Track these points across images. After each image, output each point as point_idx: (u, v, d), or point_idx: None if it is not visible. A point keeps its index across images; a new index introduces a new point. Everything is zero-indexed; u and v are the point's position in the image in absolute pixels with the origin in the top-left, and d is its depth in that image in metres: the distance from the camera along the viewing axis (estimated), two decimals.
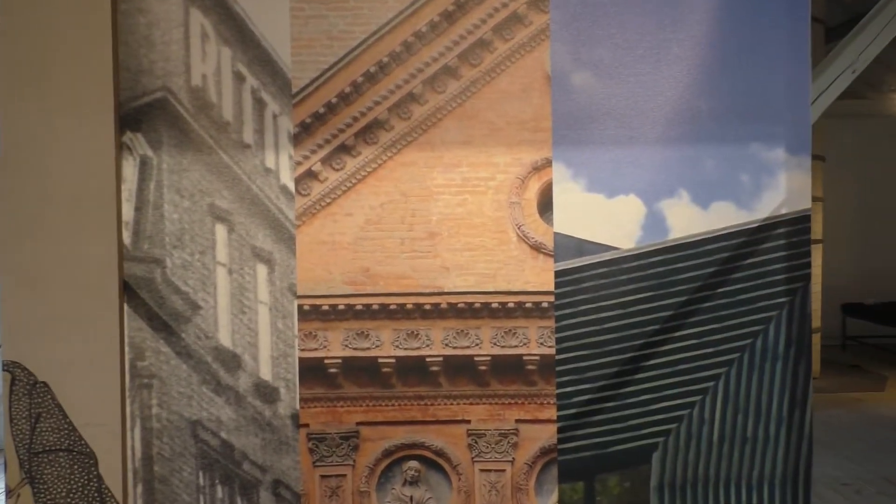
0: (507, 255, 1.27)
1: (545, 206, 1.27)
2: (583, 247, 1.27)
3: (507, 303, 1.27)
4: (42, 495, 1.21)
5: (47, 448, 1.20)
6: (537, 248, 1.27)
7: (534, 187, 1.27)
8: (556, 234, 1.27)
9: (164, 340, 1.24)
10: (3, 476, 1.17)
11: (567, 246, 1.27)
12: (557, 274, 1.27)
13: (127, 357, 1.23)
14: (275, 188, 1.25)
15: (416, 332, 1.27)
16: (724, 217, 1.27)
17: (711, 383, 1.28)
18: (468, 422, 1.28)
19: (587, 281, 1.27)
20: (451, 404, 1.28)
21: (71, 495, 1.21)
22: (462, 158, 1.26)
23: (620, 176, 1.27)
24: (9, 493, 1.20)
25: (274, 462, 1.25)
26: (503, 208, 1.27)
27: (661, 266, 1.26)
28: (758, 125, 1.27)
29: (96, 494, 1.21)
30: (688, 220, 1.27)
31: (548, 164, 1.26)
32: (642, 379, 1.27)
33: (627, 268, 1.27)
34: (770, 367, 1.28)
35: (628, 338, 1.27)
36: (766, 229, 1.27)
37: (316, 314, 1.26)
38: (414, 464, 1.28)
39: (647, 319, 1.27)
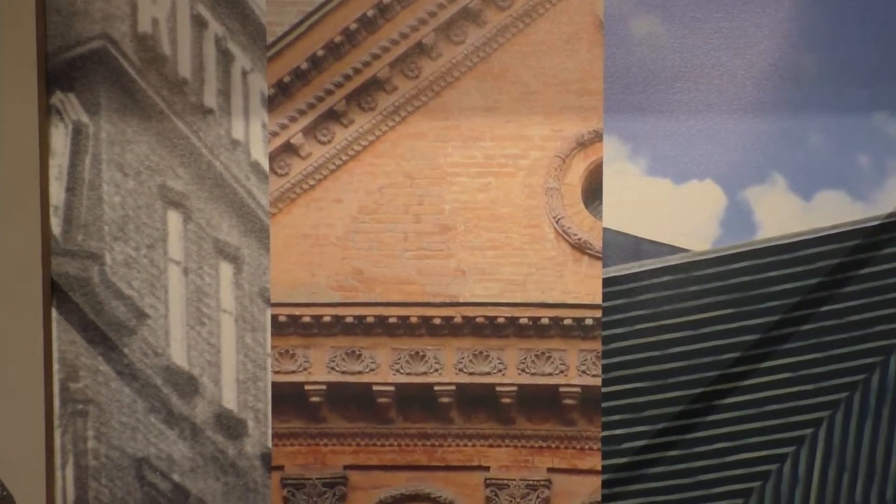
0: (541, 257, 0.98)
1: (592, 193, 0.98)
2: (641, 247, 0.98)
3: (539, 318, 0.99)
4: None
5: None
6: (581, 247, 0.98)
7: (578, 169, 0.98)
8: (605, 230, 0.98)
9: (103, 357, 0.99)
10: None
11: (620, 246, 0.98)
12: (607, 282, 0.98)
13: (56, 377, 0.99)
14: (244, 166, 0.98)
15: (421, 353, 1.00)
16: (832, 212, 0.96)
17: (809, 430, 0.98)
18: (487, 469, 1.01)
19: (646, 292, 0.98)
20: (466, 446, 1.00)
21: None
22: (485, 130, 0.97)
23: (694, 155, 0.97)
24: None
25: None
26: (537, 195, 0.98)
27: (746, 275, 0.96)
28: (882, 89, 0.95)
29: None
30: (783, 214, 0.96)
31: (597, 138, 0.97)
32: (717, 422, 0.98)
33: (700, 276, 0.97)
34: (890, 411, 0.97)
35: (699, 367, 0.97)
36: (890, 229, 0.95)
37: (295, 327, 1.00)
38: None
39: (725, 345, 0.97)
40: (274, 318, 1.00)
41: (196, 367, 0.99)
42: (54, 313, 0.98)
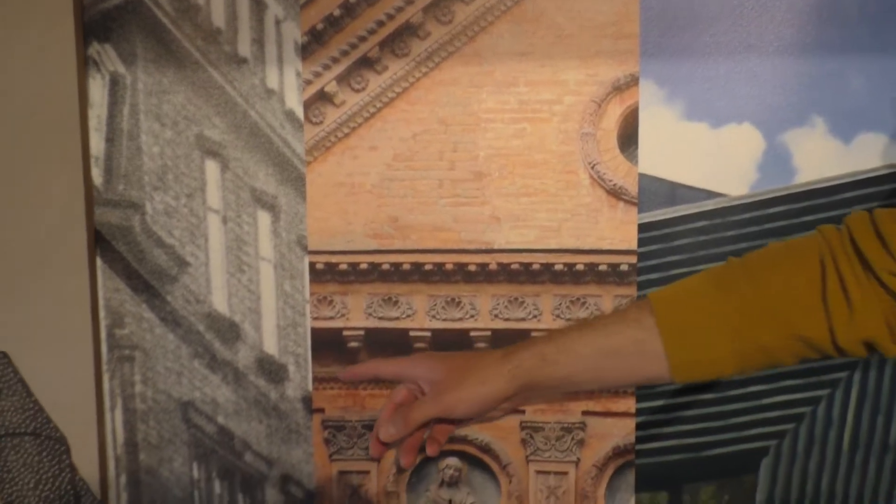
0: (576, 203, 0.98)
1: (628, 138, 0.97)
2: (677, 193, 0.97)
3: (574, 264, 0.99)
4: (7, 486, 1.01)
5: (10, 431, 1.00)
6: (616, 193, 0.98)
7: (614, 114, 0.97)
8: (641, 175, 0.97)
9: (147, 304, 1.01)
10: None
11: (656, 191, 0.97)
12: (642, 227, 0.97)
13: (103, 324, 1.01)
14: (278, 114, 0.98)
15: (457, 300, 1.01)
16: (872, 154, 0.94)
17: (844, 373, 0.98)
18: (522, 412, 1.02)
19: (681, 237, 0.97)
20: None
21: (40, 486, 1.01)
22: (519, 75, 0.96)
23: (732, 98, 0.95)
24: None
25: (282, 454, 1.02)
26: (572, 141, 0.97)
27: (784, 219, 0.95)
28: None
29: (69, 486, 1.01)
30: (823, 158, 0.94)
31: (633, 82, 0.95)
32: None
33: (737, 221, 0.96)
34: None
35: None
36: None
37: (332, 275, 1.01)
38: (453, 461, 1.03)
39: None
40: (311, 265, 1.01)
41: (237, 314, 1.01)
42: (99, 262, 1.00)
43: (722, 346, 0.75)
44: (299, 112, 0.98)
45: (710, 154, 0.95)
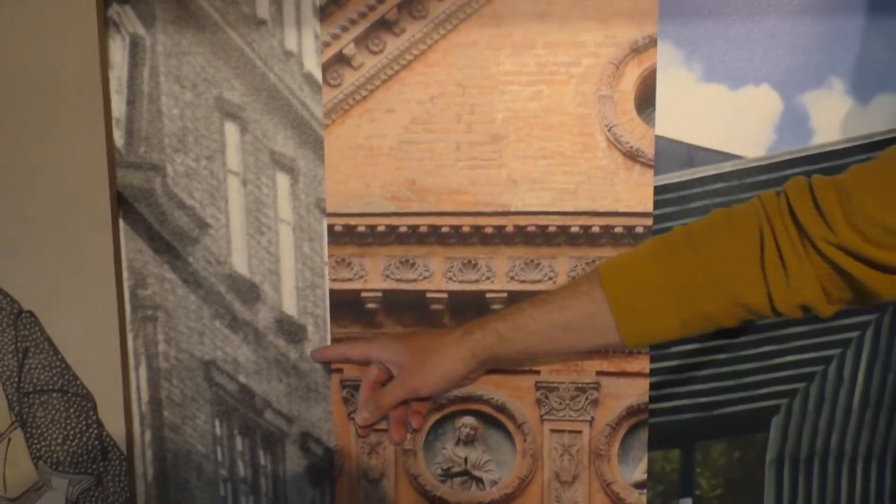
0: (592, 166, 0.99)
1: (646, 101, 0.97)
2: (694, 155, 0.97)
3: (590, 226, 1.00)
4: (35, 441, 1.04)
5: (38, 388, 1.02)
6: (633, 155, 0.98)
7: (632, 75, 0.97)
8: (658, 137, 0.97)
9: (169, 265, 1.02)
10: None
11: (672, 154, 0.98)
12: (658, 190, 0.98)
13: (126, 284, 1.03)
14: (297, 77, 0.99)
15: (474, 262, 1.02)
16: (889, 115, 0.94)
17: (856, 333, 0.99)
18: (537, 372, 1.04)
19: (697, 199, 0.98)
20: None
21: (68, 442, 1.04)
22: (537, 37, 0.96)
23: (750, 59, 0.95)
24: None
25: (301, 412, 1.05)
26: (590, 103, 0.98)
27: None
28: None
29: (96, 442, 1.04)
30: (840, 119, 0.95)
31: (652, 43, 0.95)
32: (764, 325, 0.99)
33: (753, 183, 0.96)
34: None
35: None
36: None
37: (350, 237, 1.02)
38: (469, 420, 1.05)
39: None
40: (330, 227, 1.02)
41: (257, 275, 1.02)
42: (121, 224, 1.01)
43: (668, 315, 0.79)
44: (318, 74, 0.98)
45: (728, 116, 0.95)
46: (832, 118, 0.94)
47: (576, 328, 0.84)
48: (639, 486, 1.04)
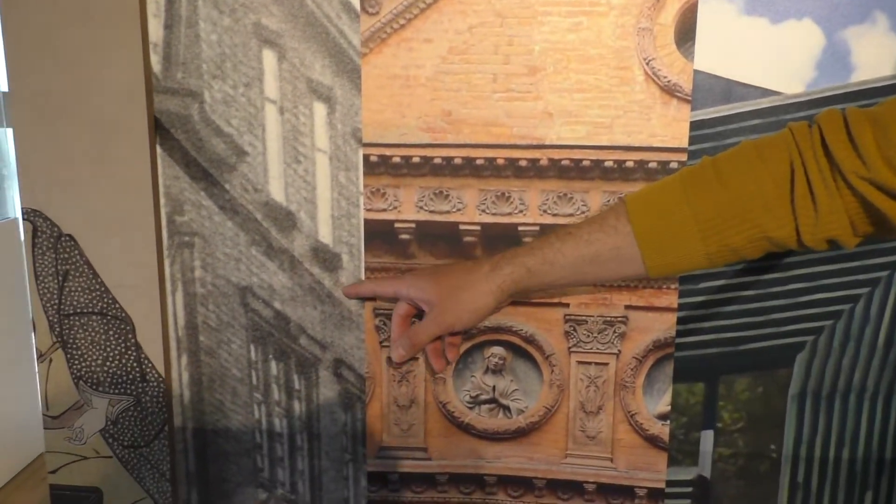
0: (629, 100, 0.99)
1: (685, 34, 0.96)
2: (732, 90, 0.97)
3: (624, 161, 1.00)
4: (76, 362, 1.07)
5: (78, 310, 1.05)
6: (670, 90, 0.98)
7: (672, 8, 0.96)
8: (696, 72, 0.97)
9: (206, 192, 1.03)
10: (34, 338, 1.03)
11: (710, 89, 0.97)
12: (694, 125, 0.98)
13: (163, 211, 1.04)
14: (335, 4, 0.98)
15: (507, 195, 1.03)
16: None
17: (884, 273, 1.00)
18: (566, 305, 1.05)
19: (733, 136, 0.98)
20: None
21: (108, 363, 1.07)
22: None
23: None
24: (40, 356, 1.07)
25: (335, 339, 1.07)
26: (628, 36, 0.97)
27: None
28: None
29: (135, 364, 1.06)
30: (881, 55, 0.94)
31: None
32: (794, 263, 1.00)
33: (790, 119, 0.96)
34: None
35: None
36: None
37: (385, 167, 1.03)
38: (498, 350, 1.07)
39: None
40: (365, 157, 1.02)
41: (293, 203, 1.03)
42: (158, 150, 1.02)
43: (694, 249, 0.81)
44: (355, 2, 0.98)
45: (768, 50, 0.95)
46: (873, 54, 0.94)
47: (602, 261, 0.86)
48: (662, 417, 1.06)
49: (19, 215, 1.04)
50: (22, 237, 1.00)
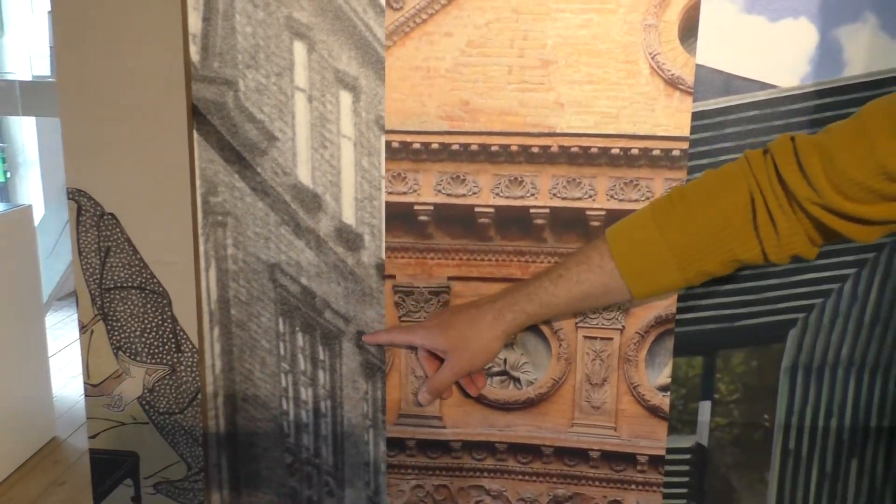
0: (635, 91, 1.06)
1: (689, 30, 1.03)
2: (731, 83, 1.04)
3: (630, 148, 1.07)
4: (116, 333, 1.14)
5: (118, 285, 1.12)
6: (673, 83, 1.05)
7: (677, 6, 1.03)
8: (698, 66, 1.04)
9: (238, 175, 1.11)
10: (77, 311, 1.10)
11: (711, 82, 1.04)
12: (695, 116, 1.05)
13: (198, 191, 1.11)
14: (362, 0, 1.05)
15: (520, 179, 1.10)
16: None
17: (871, 254, 1.07)
18: None
19: (732, 126, 1.05)
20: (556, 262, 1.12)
21: (146, 335, 1.14)
22: None
23: None
24: (82, 328, 1.14)
25: (357, 313, 1.14)
26: (636, 32, 1.04)
27: (830, 110, 1.02)
28: None
29: (171, 335, 1.14)
30: (871, 52, 1.01)
31: None
32: None
33: (785, 111, 1.03)
34: None
35: None
36: None
37: (406, 153, 1.10)
38: None
39: None
40: (387, 143, 1.09)
41: (319, 186, 1.11)
42: (195, 134, 1.09)
43: (672, 277, 0.93)
44: None
45: (766, 46, 1.02)
46: (864, 51, 1.00)
47: (593, 297, 0.99)
48: (663, 389, 1.14)
49: (64, 196, 1.11)
50: (36, 223, 1.07)
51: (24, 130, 4.00)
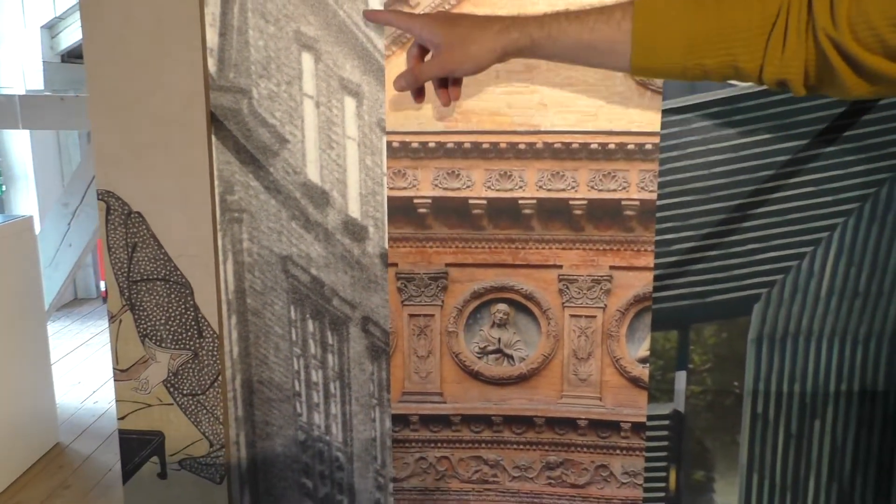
0: (611, 92, 1.17)
1: None
2: (696, 84, 1.16)
3: (607, 143, 1.19)
4: (142, 322, 1.25)
5: (145, 277, 1.23)
6: (645, 84, 1.17)
7: None
8: None
9: (253, 174, 1.22)
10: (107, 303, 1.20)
11: (678, 83, 1.16)
12: (665, 113, 1.17)
13: (217, 190, 1.22)
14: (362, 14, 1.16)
15: (509, 173, 1.21)
16: None
17: (825, 234, 1.19)
18: (560, 267, 1.24)
19: (697, 121, 1.17)
20: (543, 248, 1.24)
21: (170, 322, 1.25)
22: None
23: None
24: (111, 318, 1.24)
25: (363, 300, 1.25)
26: None
27: (785, 105, 1.15)
28: None
29: (193, 323, 1.24)
30: None
31: None
32: (750, 227, 1.20)
33: (745, 107, 1.15)
34: (893, 219, 1.18)
35: (738, 183, 1.18)
36: None
37: (405, 151, 1.21)
38: (503, 306, 1.26)
39: (760, 164, 1.17)
40: (388, 143, 1.21)
41: (327, 183, 1.22)
42: (213, 139, 1.20)
43: (675, 60, 0.89)
44: None
45: None
46: None
47: (597, 50, 0.93)
48: (642, 361, 1.25)
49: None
50: (37, 232, 1.17)
51: (18, 144, 4.08)
